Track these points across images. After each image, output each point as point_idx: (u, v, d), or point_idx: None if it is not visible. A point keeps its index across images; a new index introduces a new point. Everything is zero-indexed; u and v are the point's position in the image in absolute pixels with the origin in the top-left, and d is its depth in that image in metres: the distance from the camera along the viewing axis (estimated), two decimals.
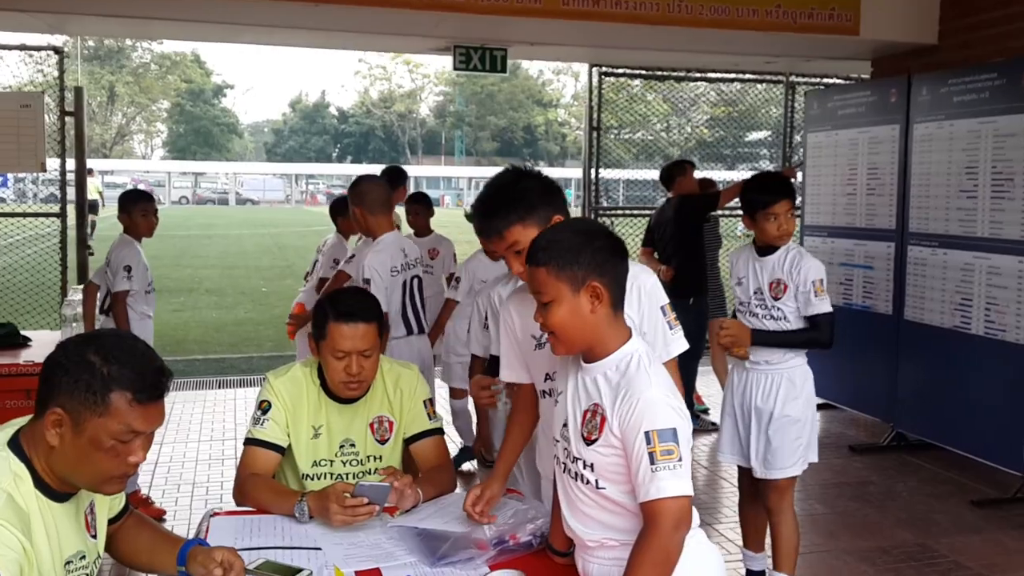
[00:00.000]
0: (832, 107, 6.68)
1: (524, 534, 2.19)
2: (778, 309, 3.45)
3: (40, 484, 1.77)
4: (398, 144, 62.68)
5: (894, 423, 5.96)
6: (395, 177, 5.87)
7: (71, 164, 6.83)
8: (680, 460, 1.76)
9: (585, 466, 1.89)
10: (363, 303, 2.60)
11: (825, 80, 9.23)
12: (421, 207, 5.81)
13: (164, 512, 4.61)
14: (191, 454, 5.55)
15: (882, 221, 6.09)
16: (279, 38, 6.98)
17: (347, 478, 2.62)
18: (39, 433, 1.75)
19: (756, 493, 3.62)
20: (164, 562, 2.06)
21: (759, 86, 9.67)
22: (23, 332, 4.71)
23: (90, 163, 6.89)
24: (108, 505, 2.03)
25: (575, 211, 7.96)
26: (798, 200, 6.54)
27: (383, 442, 2.68)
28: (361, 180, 4.32)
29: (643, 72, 8.82)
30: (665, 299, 2.37)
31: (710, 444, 5.85)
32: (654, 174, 7.99)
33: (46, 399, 1.73)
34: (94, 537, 1.95)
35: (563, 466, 1.98)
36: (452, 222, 13.37)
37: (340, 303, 2.57)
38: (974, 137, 5.35)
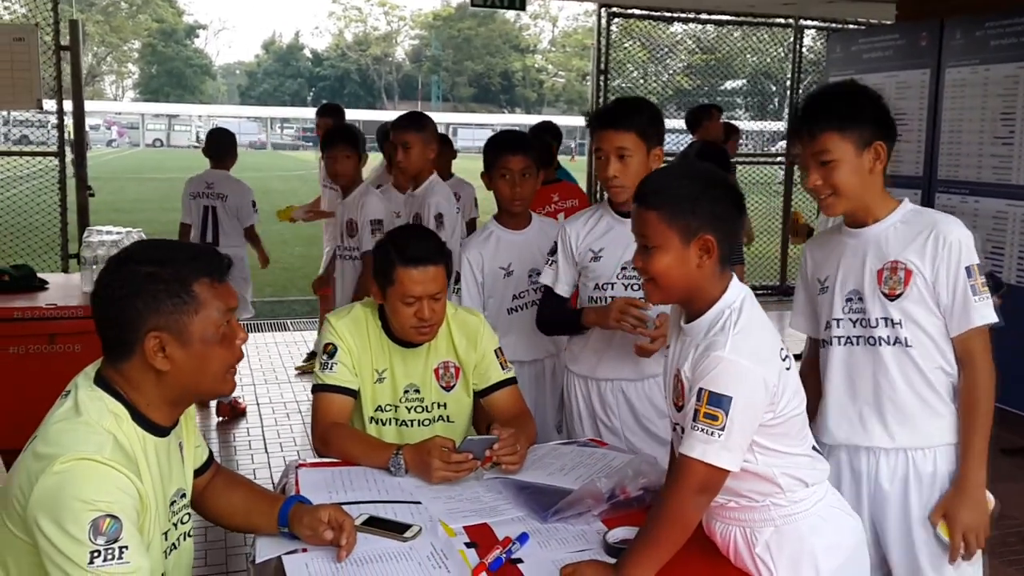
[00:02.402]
0: (856, 50, 6.53)
1: (635, 488, 2.09)
2: None
3: (140, 420, 1.67)
4: (374, 88, 61.67)
5: None
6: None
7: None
8: (722, 430, 1.64)
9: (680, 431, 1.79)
10: (430, 245, 2.43)
11: (832, 25, 9.07)
12: (444, 148, 5.63)
13: (245, 408, 5.13)
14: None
15: (908, 168, 5.99)
16: None
17: (411, 425, 2.51)
18: (134, 369, 1.66)
19: None
20: (262, 522, 1.94)
21: (736, 32, 9.49)
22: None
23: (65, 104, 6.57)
24: (193, 452, 1.91)
25: (580, 158, 7.87)
26: None
27: (448, 388, 2.55)
28: (427, 116, 4.24)
29: (652, 13, 8.61)
30: (974, 258, 2.03)
31: None
32: None
33: (126, 333, 1.64)
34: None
35: (672, 427, 1.89)
36: None
37: (407, 246, 2.40)
38: (1011, 82, 5.23)
